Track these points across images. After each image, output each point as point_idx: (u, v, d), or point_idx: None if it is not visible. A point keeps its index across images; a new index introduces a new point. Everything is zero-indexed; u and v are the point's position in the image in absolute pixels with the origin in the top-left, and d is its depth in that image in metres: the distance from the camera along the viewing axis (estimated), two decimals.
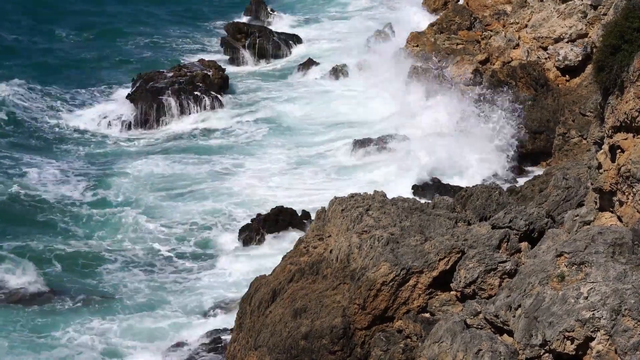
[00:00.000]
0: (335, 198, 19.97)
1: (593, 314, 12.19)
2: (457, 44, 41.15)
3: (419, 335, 16.05)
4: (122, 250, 29.29)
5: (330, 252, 18.62)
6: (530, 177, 29.66)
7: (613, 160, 14.80)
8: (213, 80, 44.46)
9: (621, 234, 13.12)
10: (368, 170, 34.52)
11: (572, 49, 35.80)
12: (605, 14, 34.56)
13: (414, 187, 31.19)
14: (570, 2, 36.69)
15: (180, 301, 26.03)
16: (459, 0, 47.32)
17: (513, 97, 36.12)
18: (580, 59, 35.63)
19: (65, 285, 26.90)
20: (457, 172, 33.43)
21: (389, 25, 49.73)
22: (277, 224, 29.16)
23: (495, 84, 36.91)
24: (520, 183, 28.61)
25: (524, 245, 16.72)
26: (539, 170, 31.72)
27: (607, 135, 14.91)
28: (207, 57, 48.88)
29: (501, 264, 15.97)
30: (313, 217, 23.65)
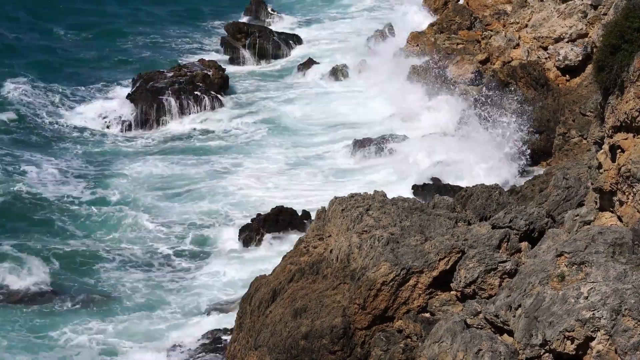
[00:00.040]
0: (336, 198, 19.95)
1: (593, 314, 12.19)
2: (457, 44, 41.15)
3: (419, 335, 16.03)
4: (120, 249, 29.27)
5: (331, 252, 18.61)
6: (530, 177, 29.61)
7: (613, 160, 14.79)
8: (213, 80, 44.43)
9: (621, 234, 13.11)
10: (367, 173, 34.43)
11: (572, 49, 35.79)
12: (605, 14, 34.55)
13: (414, 187, 31.14)
14: (570, 2, 36.69)
15: (179, 301, 26.00)
16: (459, 0, 47.29)
17: (521, 97, 34.67)
18: (580, 58, 35.62)
19: (64, 284, 26.86)
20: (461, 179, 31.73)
21: (389, 25, 49.68)
22: (277, 224, 29.14)
23: (501, 83, 35.59)
24: (521, 183, 28.57)
25: (524, 245, 16.70)
26: (539, 170, 31.66)
27: (607, 135, 14.91)
28: (207, 57, 48.87)
29: (501, 264, 15.96)
30: (313, 217, 23.63)
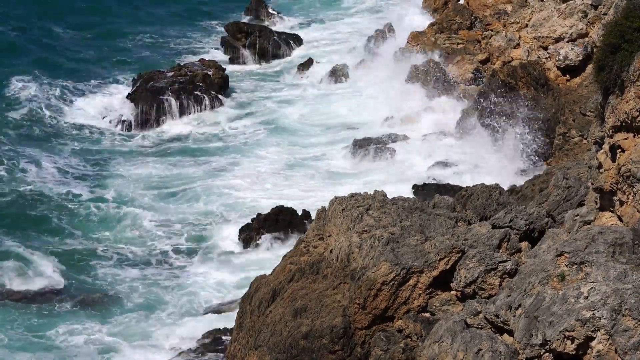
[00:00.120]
0: (336, 197, 19.93)
1: (593, 314, 12.19)
2: (458, 44, 41.15)
3: (419, 335, 16.03)
4: (119, 249, 29.31)
5: (331, 251, 18.60)
6: (530, 176, 29.57)
7: (613, 160, 14.79)
8: (213, 80, 44.43)
9: (621, 234, 13.11)
10: (367, 173, 34.37)
11: (572, 49, 35.76)
12: (605, 14, 34.51)
13: (414, 187, 31.14)
14: (570, 1, 36.66)
15: (178, 301, 26.01)
16: (459, 0, 47.29)
17: (532, 103, 33.03)
18: (580, 58, 35.58)
19: (62, 283, 26.88)
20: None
21: (389, 25, 49.65)
22: (277, 224, 29.14)
23: (508, 88, 33.78)
24: (521, 182, 28.54)
25: (524, 244, 16.70)
26: (539, 170, 31.64)
27: (608, 135, 14.91)
28: (207, 57, 48.87)
29: (501, 264, 15.96)
30: (313, 217, 23.63)
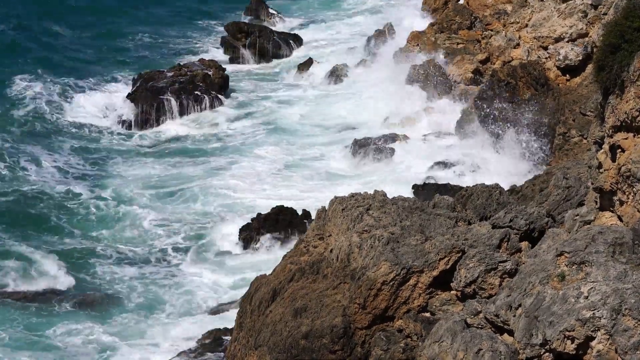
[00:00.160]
0: (336, 197, 19.92)
1: (593, 314, 12.18)
2: (458, 44, 41.13)
3: (419, 335, 16.03)
4: (118, 248, 29.33)
5: (331, 251, 18.60)
6: (530, 176, 29.57)
7: (613, 159, 14.79)
8: (213, 79, 44.43)
9: (621, 234, 13.11)
10: (367, 173, 34.37)
11: (572, 49, 35.76)
12: (605, 14, 34.50)
13: (414, 186, 31.14)
14: (570, 1, 36.65)
15: (177, 301, 26.01)
16: (459, 0, 47.27)
17: (538, 106, 32.39)
18: (580, 58, 35.58)
19: (61, 282, 26.90)
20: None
21: (389, 25, 49.65)
22: (277, 224, 29.15)
23: (508, 89, 33.06)
24: (521, 182, 28.55)
25: (524, 244, 16.69)
26: (539, 170, 31.66)
27: (608, 135, 14.90)
28: (207, 57, 48.85)
29: (501, 264, 15.96)
30: (313, 217, 23.62)
